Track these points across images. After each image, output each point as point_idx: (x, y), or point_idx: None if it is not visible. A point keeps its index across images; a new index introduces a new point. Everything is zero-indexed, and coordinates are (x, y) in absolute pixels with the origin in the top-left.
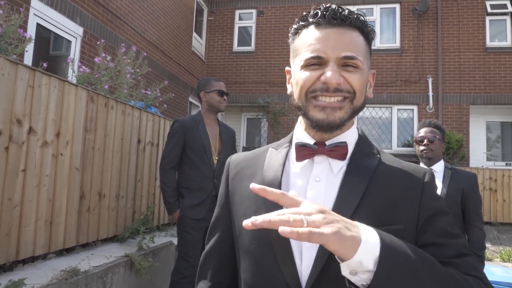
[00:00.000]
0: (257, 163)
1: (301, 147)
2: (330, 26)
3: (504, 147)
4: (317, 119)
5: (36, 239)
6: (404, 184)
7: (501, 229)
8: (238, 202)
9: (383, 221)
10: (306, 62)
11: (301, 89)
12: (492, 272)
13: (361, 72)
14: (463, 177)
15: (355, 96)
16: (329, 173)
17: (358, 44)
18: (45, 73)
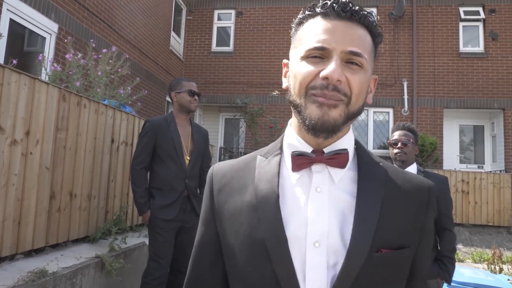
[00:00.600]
0: (246, 174)
1: (298, 156)
2: (338, 19)
3: (476, 150)
4: (313, 117)
5: (3, 240)
6: (412, 201)
7: (473, 230)
8: (228, 218)
9: (397, 242)
10: (307, 53)
11: (301, 84)
12: (462, 274)
13: (364, 73)
14: (435, 180)
15: (351, 100)
16: (330, 183)
17: (365, 43)
18: (14, 70)
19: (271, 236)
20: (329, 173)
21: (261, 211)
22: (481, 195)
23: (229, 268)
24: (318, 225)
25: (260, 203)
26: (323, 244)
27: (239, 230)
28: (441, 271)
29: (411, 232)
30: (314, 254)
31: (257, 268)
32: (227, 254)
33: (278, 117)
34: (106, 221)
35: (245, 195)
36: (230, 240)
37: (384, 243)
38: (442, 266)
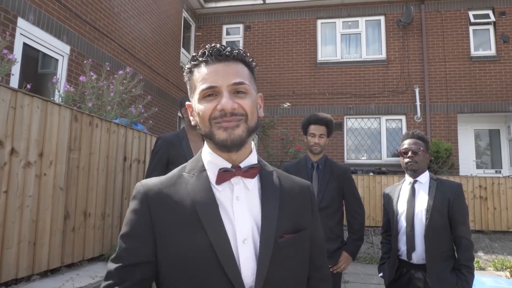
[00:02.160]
0: (180, 190)
1: (224, 172)
2: (217, 62)
3: (493, 155)
4: (222, 139)
5: (19, 261)
6: (300, 196)
7: (493, 237)
8: (170, 229)
9: (296, 227)
10: (202, 94)
11: (204, 119)
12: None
13: (250, 96)
14: (448, 188)
15: (248, 118)
16: (246, 191)
17: (243, 73)
18: (27, 94)
19: (217, 236)
20: (244, 183)
21: (205, 219)
22: (500, 200)
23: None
24: (243, 227)
25: (201, 211)
26: (250, 240)
27: (181, 237)
28: (459, 281)
29: (304, 218)
30: (244, 249)
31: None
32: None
33: (290, 129)
34: None
35: (184, 208)
36: (175, 246)
37: (285, 231)
38: (460, 275)
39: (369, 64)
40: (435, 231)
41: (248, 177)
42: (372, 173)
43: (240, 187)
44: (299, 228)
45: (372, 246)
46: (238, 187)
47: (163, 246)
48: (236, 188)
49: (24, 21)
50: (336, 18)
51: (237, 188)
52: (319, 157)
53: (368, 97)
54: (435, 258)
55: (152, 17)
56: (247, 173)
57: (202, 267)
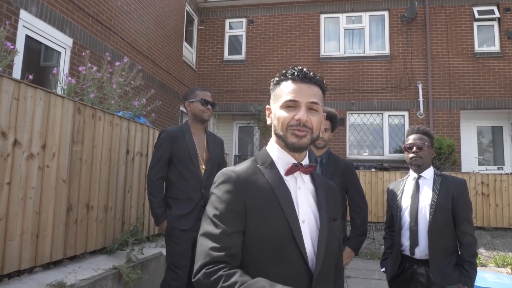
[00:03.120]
0: (259, 178)
1: (294, 166)
2: (302, 82)
3: (495, 152)
4: (293, 142)
5: (22, 253)
6: (334, 193)
7: (495, 234)
8: (258, 209)
9: (334, 216)
10: (285, 104)
11: (283, 124)
12: (485, 279)
13: (319, 115)
14: (453, 184)
15: (313, 131)
16: (303, 184)
17: (319, 95)
18: (30, 85)
19: (291, 217)
20: (301, 177)
21: (283, 202)
22: (502, 197)
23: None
24: (303, 210)
25: (281, 197)
26: (306, 222)
27: (268, 216)
28: (462, 276)
29: (337, 211)
30: (303, 227)
31: (283, 240)
32: (257, 233)
33: None
34: (123, 232)
35: (266, 193)
36: (262, 222)
37: (331, 218)
38: (463, 271)
39: (372, 60)
40: (439, 227)
41: (305, 173)
42: (374, 169)
43: (301, 180)
44: (336, 218)
45: (374, 241)
46: (299, 179)
47: (252, 220)
48: (299, 180)
49: (27, 13)
50: (340, 13)
51: (299, 180)
52: (322, 152)
53: (371, 92)
54: (438, 253)
55: (155, 11)
56: (306, 170)
57: (281, 237)
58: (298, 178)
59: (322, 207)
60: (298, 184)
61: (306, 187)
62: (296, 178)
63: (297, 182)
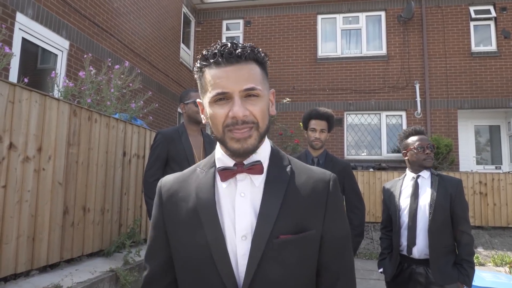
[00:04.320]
0: (188, 185)
1: (223, 170)
2: (228, 64)
3: (493, 151)
4: (234, 149)
5: (18, 256)
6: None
7: (493, 233)
8: (175, 223)
9: (299, 228)
10: (214, 98)
11: (217, 126)
12: (483, 278)
13: (261, 100)
14: (450, 183)
15: (259, 125)
16: (252, 188)
17: (255, 75)
18: (25, 88)
19: (212, 234)
20: (251, 179)
21: (203, 216)
22: (500, 196)
23: (177, 264)
24: (242, 223)
25: (202, 209)
26: (249, 237)
27: (186, 231)
28: (460, 275)
29: (312, 218)
30: (242, 246)
31: (201, 262)
32: (177, 252)
33: (290, 124)
34: (120, 234)
35: (188, 203)
36: (180, 240)
37: (285, 231)
38: (461, 270)
39: (369, 60)
40: (438, 226)
41: (254, 173)
42: (372, 169)
43: (245, 184)
44: (303, 229)
45: (372, 241)
46: (243, 184)
47: (171, 238)
48: (241, 184)
49: (23, 16)
50: (337, 14)
51: (242, 184)
52: (319, 152)
53: (368, 93)
54: (438, 252)
55: (151, 12)
56: (251, 170)
57: (200, 261)
58: (242, 181)
59: (265, 215)
60: (240, 189)
61: (256, 192)
62: (237, 182)
63: (237, 188)
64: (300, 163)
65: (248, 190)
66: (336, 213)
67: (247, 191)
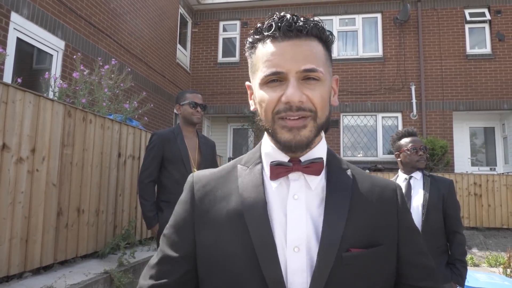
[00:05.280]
0: (228, 183)
1: (276, 166)
2: (286, 39)
3: (488, 152)
4: (285, 139)
5: (10, 258)
6: (380, 201)
7: (487, 234)
8: (211, 225)
9: (369, 240)
10: (265, 79)
11: (266, 112)
12: (477, 279)
13: (323, 84)
14: (442, 184)
15: (317, 115)
16: (307, 191)
17: (317, 54)
18: (19, 88)
19: (261, 242)
20: (305, 180)
21: (249, 218)
22: (494, 197)
23: (206, 274)
24: (296, 232)
25: (247, 210)
26: (303, 249)
27: (223, 237)
28: (454, 275)
29: (383, 230)
30: (294, 259)
31: (244, 272)
32: (207, 261)
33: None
34: (114, 236)
35: (229, 203)
36: (212, 246)
37: (354, 243)
38: (454, 269)
39: (365, 62)
40: (431, 226)
41: (311, 173)
42: (368, 170)
43: (299, 185)
44: (374, 243)
45: None
46: (296, 184)
47: (201, 241)
48: (293, 185)
49: (18, 16)
50: (333, 15)
51: (295, 185)
52: None
53: (364, 94)
54: (431, 253)
55: (148, 13)
56: (308, 169)
57: (242, 273)
58: (295, 182)
59: (332, 224)
60: (293, 191)
61: (311, 196)
62: (289, 182)
63: (289, 189)
64: (357, 167)
65: (303, 192)
66: (407, 226)
67: (302, 193)
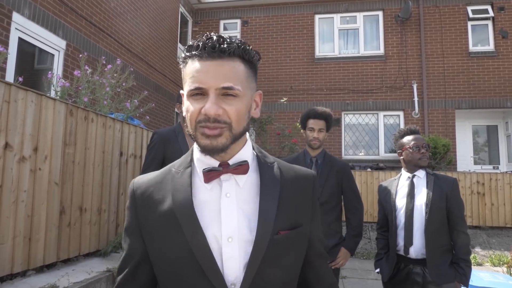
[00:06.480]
0: (163, 186)
1: (209, 172)
2: (210, 59)
3: (491, 151)
4: (204, 144)
5: (14, 256)
6: (302, 188)
7: (490, 233)
8: (153, 228)
9: (293, 223)
10: (190, 92)
11: (190, 121)
12: (481, 278)
13: (240, 100)
14: (445, 182)
15: (232, 126)
16: (236, 188)
17: (237, 73)
18: (21, 88)
19: (193, 235)
20: (235, 179)
21: (181, 218)
22: (498, 196)
23: (157, 271)
24: (229, 224)
25: (178, 210)
26: (235, 239)
27: (166, 235)
28: (458, 275)
29: (303, 213)
30: (228, 248)
31: (184, 266)
32: (156, 258)
33: (287, 124)
34: (117, 235)
35: (164, 205)
36: (158, 244)
37: (282, 227)
38: (458, 269)
39: (367, 60)
40: (434, 225)
41: (239, 173)
42: (370, 169)
43: (230, 184)
44: (297, 224)
45: (370, 241)
46: (227, 184)
47: (148, 244)
48: (225, 185)
49: (20, 16)
50: (334, 13)
51: (227, 185)
52: (318, 152)
53: (366, 93)
54: (435, 252)
55: (149, 12)
56: (236, 170)
57: (184, 268)
58: (226, 182)
59: (265, 213)
60: (225, 190)
61: (242, 193)
62: (222, 183)
63: (222, 188)
64: (280, 160)
65: (233, 190)
66: (317, 209)
67: (233, 191)
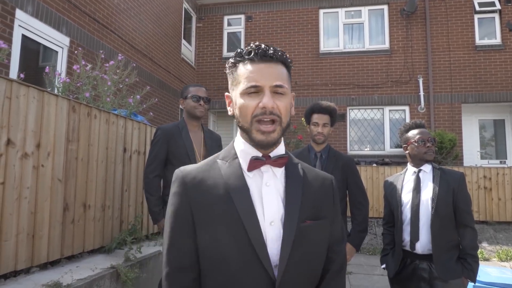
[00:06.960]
0: (213, 174)
1: (255, 160)
2: (262, 62)
3: (498, 145)
4: (259, 139)
5: (17, 253)
6: (322, 187)
7: (498, 228)
8: (206, 210)
9: (316, 215)
10: (246, 90)
11: (246, 116)
12: (488, 273)
13: (287, 98)
14: (452, 177)
15: (282, 120)
16: (274, 179)
17: (283, 75)
18: (23, 84)
19: (249, 220)
20: (272, 171)
21: (238, 203)
22: (505, 191)
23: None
24: (271, 210)
25: (236, 196)
26: (276, 223)
27: (217, 218)
28: (465, 270)
29: (325, 208)
30: (270, 231)
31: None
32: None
33: (292, 120)
34: (121, 231)
35: (218, 190)
36: (210, 227)
37: (307, 217)
38: (465, 264)
39: (372, 54)
40: (441, 220)
41: (277, 166)
42: (375, 164)
43: (269, 175)
44: (320, 216)
45: (376, 237)
46: (267, 175)
47: (201, 227)
48: (266, 175)
49: (23, 13)
50: (339, 8)
51: (266, 175)
52: (322, 147)
53: (371, 87)
54: (441, 247)
55: (152, 9)
56: (276, 163)
57: (236, 249)
58: (266, 173)
59: (291, 204)
60: (265, 180)
61: (278, 183)
62: (262, 173)
63: (263, 178)
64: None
65: (272, 180)
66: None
67: (271, 181)
